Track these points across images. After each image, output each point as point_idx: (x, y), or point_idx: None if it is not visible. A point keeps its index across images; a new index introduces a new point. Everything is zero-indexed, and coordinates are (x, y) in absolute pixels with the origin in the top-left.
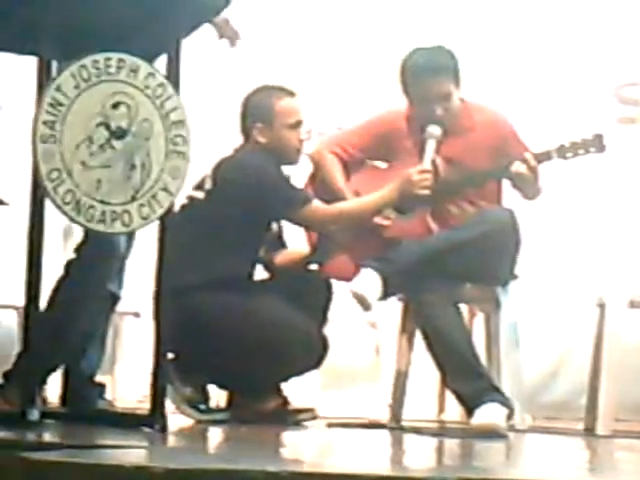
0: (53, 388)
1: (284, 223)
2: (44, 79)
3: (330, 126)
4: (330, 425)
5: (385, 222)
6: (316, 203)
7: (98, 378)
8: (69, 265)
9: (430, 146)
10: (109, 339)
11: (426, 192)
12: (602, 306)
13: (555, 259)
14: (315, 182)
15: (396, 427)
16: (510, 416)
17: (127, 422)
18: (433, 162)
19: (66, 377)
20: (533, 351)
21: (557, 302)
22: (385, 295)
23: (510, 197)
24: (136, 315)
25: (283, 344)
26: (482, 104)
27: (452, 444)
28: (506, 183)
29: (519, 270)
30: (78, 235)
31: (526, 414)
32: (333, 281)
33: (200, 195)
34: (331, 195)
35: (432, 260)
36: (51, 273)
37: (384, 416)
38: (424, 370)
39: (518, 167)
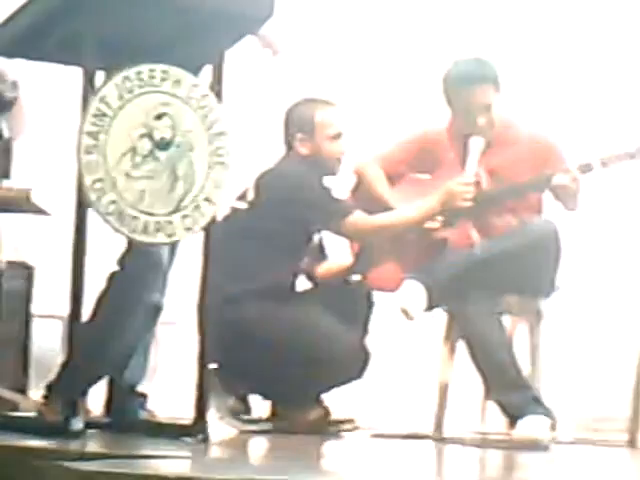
0: (96, 398)
1: (326, 234)
2: (88, 90)
3: (374, 139)
4: (374, 436)
5: (434, 225)
6: (358, 214)
7: (142, 388)
8: (112, 276)
9: (473, 158)
10: None
11: (468, 204)
12: None
13: (599, 268)
14: (358, 195)
15: (439, 438)
16: (553, 427)
17: (170, 432)
18: (475, 174)
19: (110, 387)
20: (577, 362)
21: (601, 312)
22: (430, 307)
23: (553, 208)
24: (171, 324)
25: (325, 355)
26: (525, 118)
27: (495, 456)
28: (548, 194)
29: (563, 282)
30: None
31: (570, 425)
32: (377, 292)
33: (243, 206)
34: (375, 206)
35: (475, 271)
36: (94, 284)
37: (427, 427)
38: (467, 381)
39: (561, 179)
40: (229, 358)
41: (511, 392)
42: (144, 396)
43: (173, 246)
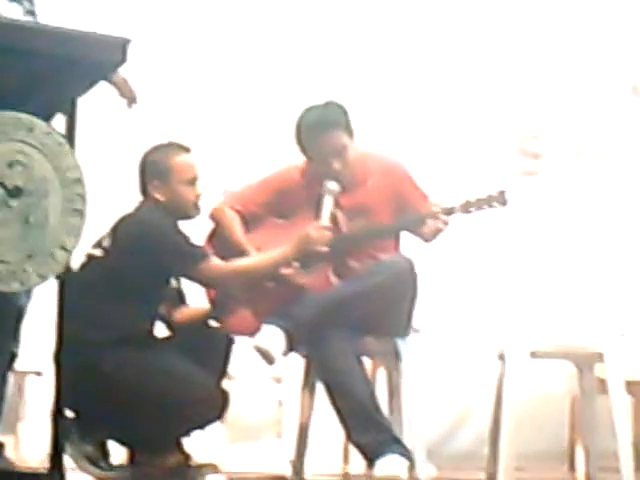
0: None
1: (184, 280)
2: None
3: (233, 183)
4: None
5: (290, 271)
6: (214, 260)
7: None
8: None
9: (328, 202)
10: (11, 398)
11: (325, 249)
12: (503, 357)
13: (456, 311)
14: (215, 239)
15: None
16: (411, 467)
17: None
18: (334, 217)
19: None
20: (437, 402)
21: (460, 353)
22: (289, 350)
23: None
24: (38, 374)
25: (182, 399)
26: (376, 153)
27: None
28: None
29: (420, 322)
30: None
31: (430, 465)
32: (236, 336)
33: (99, 253)
34: (232, 251)
35: (331, 312)
36: None
37: (287, 470)
38: (329, 423)
39: (433, 224)
40: (86, 404)
41: (369, 432)
42: (1, 445)
43: (27, 293)
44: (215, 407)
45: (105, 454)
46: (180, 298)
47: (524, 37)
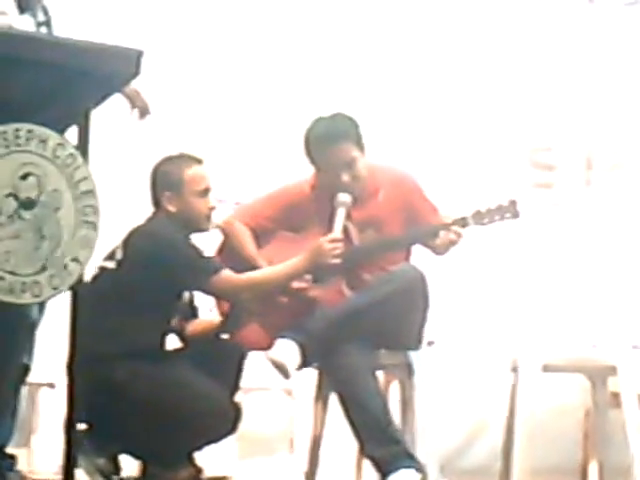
0: None
1: (196, 292)
2: None
3: (245, 196)
4: None
5: (302, 285)
6: (226, 272)
7: (12, 450)
8: None
9: (340, 214)
10: (25, 410)
11: (337, 261)
12: (515, 370)
13: (469, 324)
14: (225, 252)
15: None
16: None
17: None
18: (345, 229)
19: None
20: (450, 416)
21: (473, 367)
22: (304, 364)
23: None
24: (51, 386)
25: (194, 412)
26: (385, 165)
27: None
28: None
29: (434, 336)
30: None
31: (443, 479)
32: (249, 350)
33: (111, 265)
34: (242, 264)
35: (344, 325)
36: None
37: None
38: (342, 437)
39: (445, 236)
40: (99, 417)
41: (383, 446)
42: (13, 457)
43: (41, 305)
44: (227, 420)
45: (117, 467)
46: (192, 311)
47: (537, 49)
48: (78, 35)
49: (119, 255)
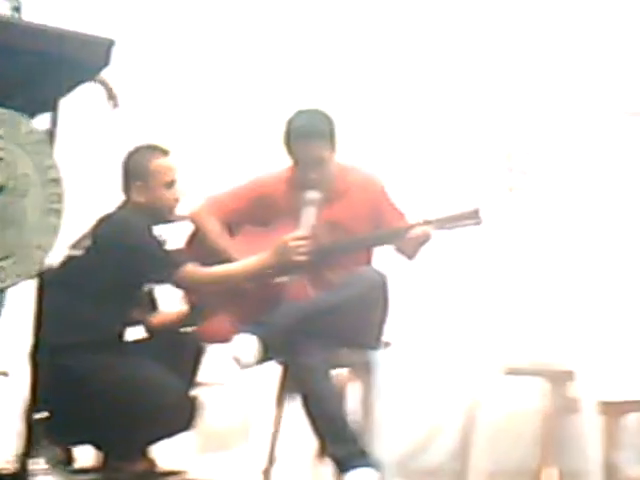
0: None
1: (162, 285)
2: None
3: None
4: None
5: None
6: (190, 266)
7: None
8: None
9: (307, 212)
10: None
11: (302, 258)
12: (476, 372)
13: (430, 326)
14: (194, 243)
15: None
16: None
17: None
18: (312, 227)
19: None
20: (408, 416)
21: (433, 368)
22: (264, 358)
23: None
24: (4, 374)
25: (152, 405)
26: (354, 165)
27: None
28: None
29: (393, 336)
30: None
31: (401, 478)
32: (210, 343)
33: (77, 253)
34: (211, 257)
35: (307, 322)
36: None
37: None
38: (299, 434)
39: (412, 237)
40: (57, 407)
41: (340, 445)
42: None
43: (1, 294)
44: (185, 414)
45: (70, 458)
46: (152, 303)
47: (513, 54)
48: (49, 22)
49: (87, 243)
